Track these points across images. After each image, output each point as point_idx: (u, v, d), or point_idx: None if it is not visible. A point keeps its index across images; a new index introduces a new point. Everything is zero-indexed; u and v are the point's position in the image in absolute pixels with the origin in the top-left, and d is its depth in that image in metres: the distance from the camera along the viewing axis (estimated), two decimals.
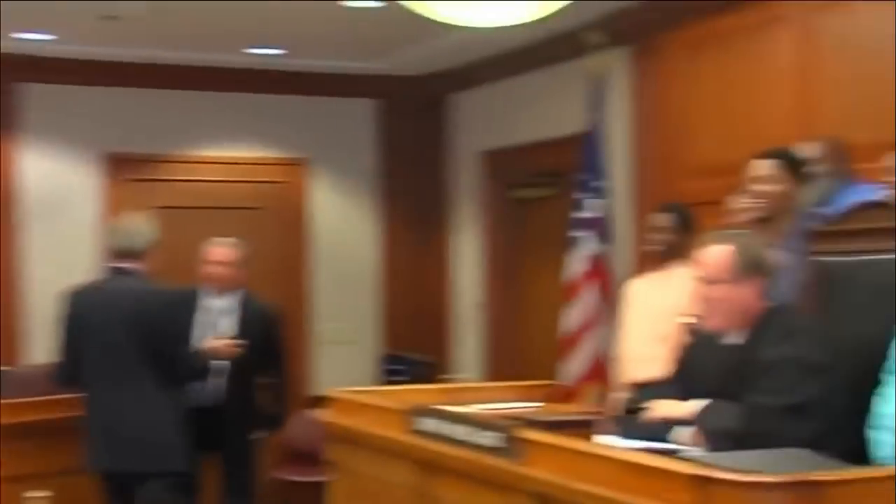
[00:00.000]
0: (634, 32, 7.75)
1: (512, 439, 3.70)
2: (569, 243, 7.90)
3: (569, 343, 7.86)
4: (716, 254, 4.32)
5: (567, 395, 7.62)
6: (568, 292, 7.88)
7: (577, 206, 7.88)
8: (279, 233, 9.95)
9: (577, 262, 7.85)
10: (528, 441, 3.66)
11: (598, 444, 3.70)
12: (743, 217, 5.56)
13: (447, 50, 8.78)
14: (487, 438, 3.81)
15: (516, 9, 5.17)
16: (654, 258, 6.48)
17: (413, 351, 9.93)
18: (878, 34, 6.13)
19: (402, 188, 10.27)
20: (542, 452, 3.60)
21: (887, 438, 4.19)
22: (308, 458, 8.26)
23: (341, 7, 7.65)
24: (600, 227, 7.84)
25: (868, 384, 4.40)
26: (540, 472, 3.56)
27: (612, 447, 3.75)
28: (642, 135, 7.87)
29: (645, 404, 4.44)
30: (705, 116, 7.31)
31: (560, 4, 5.25)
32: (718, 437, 4.08)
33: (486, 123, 9.59)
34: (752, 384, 4.16)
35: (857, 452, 4.13)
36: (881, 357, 4.37)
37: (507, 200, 9.63)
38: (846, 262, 4.83)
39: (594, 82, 7.88)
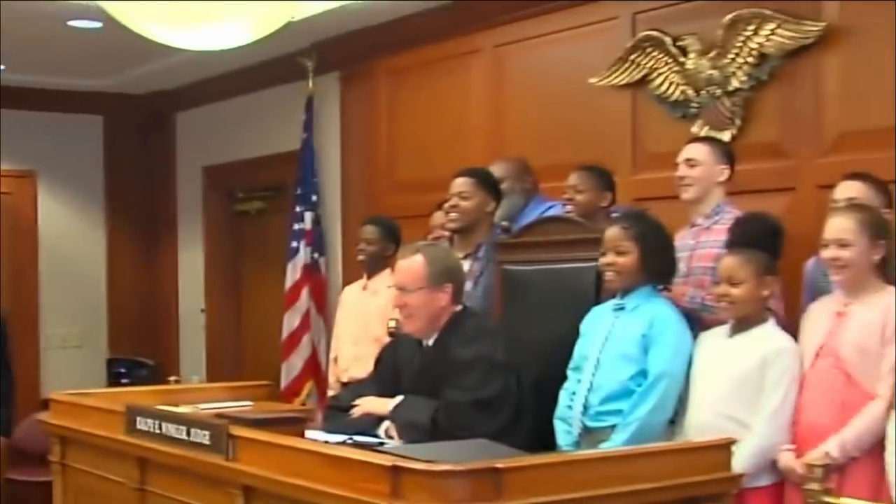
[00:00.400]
0: (344, 59, 7.78)
1: (221, 436, 3.66)
2: (287, 253, 7.91)
3: (288, 346, 7.86)
4: (410, 263, 4.39)
5: (285, 394, 7.67)
6: (287, 299, 7.88)
7: (295, 218, 7.91)
8: (8, 243, 9.59)
9: (295, 271, 7.86)
10: (237, 437, 3.62)
11: (302, 440, 3.67)
12: (442, 229, 5.70)
13: (171, 69, 8.64)
14: (199, 436, 3.76)
15: (231, 33, 5.14)
16: (363, 267, 6.53)
17: (140, 355, 9.75)
18: (557, 68, 6.37)
19: (129, 201, 10.06)
20: (250, 448, 3.57)
21: (568, 428, 4.41)
22: (37, 459, 8.02)
23: (66, 27, 7.47)
24: (315, 238, 7.87)
25: (550, 379, 4.60)
26: (248, 466, 3.54)
27: (316, 442, 3.73)
28: (351, 153, 7.90)
29: (352, 401, 4.48)
30: (409, 137, 7.40)
31: (272, 29, 5.24)
32: (413, 430, 4.15)
33: (209, 140, 9.47)
34: (446, 381, 4.24)
35: (543, 441, 4.33)
36: (561, 355, 4.57)
37: (229, 213, 9.52)
38: (527, 270, 5.01)
39: (308, 103, 7.92)
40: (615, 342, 4.35)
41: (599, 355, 4.36)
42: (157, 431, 4.00)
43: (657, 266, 4.37)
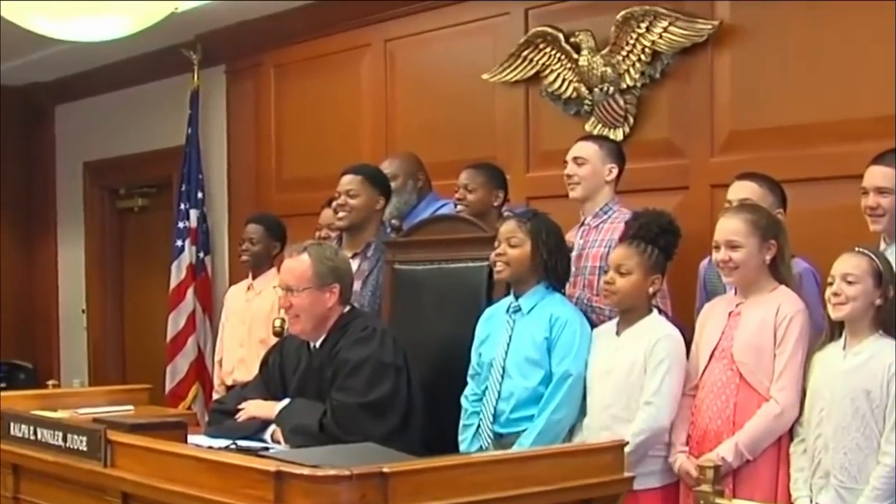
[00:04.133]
0: (230, 52, 7.73)
1: (99, 442, 3.59)
2: (172, 252, 7.82)
3: (173, 348, 7.78)
4: (296, 263, 4.36)
5: (170, 398, 7.59)
6: (172, 300, 7.80)
7: (179, 216, 7.83)
8: None
9: (180, 271, 7.79)
10: (115, 443, 3.56)
11: (183, 445, 3.61)
12: (330, 228, 5.66)
13: (50, 61, 8.47)
14: (76, 442, 3.69)
15: (111, 24, 5.05)
16: (248, 267, 6.47)
17: (18, 357, 9.55)
18: (449, 64, 6.38)
19: (5, 197, 9.84)
20: (128, 454, 3.51)
21: (473, 436, 4.41)
22: None
23: None
24: (200, 236, 7.81)
25: (441, 381, 4.59)
26: (127, 473, 3.48)
27: (198, 447, 3.69)
28: (238, 149, 7.85)
29: (236, 405, 4.44)
30: (297, 133, 7.37)
31: (154, 21, 5.16)
32: (299, 434, 4.12)
33: (90, 134, 9.31)
34: (333, 384, 4.23)
35: (433, 444, 4.31)
36: (452, 356, 4.57)
37: (111, 210, 9.37)
38: (417, 270, 5.01)
39: (193, 97, 7.84)
40: (518, 347, 4.36)
41: (504, 362, 4.37)
42: (32, 437, 3.91)
43: (549, 263, 4.38)
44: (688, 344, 4.21)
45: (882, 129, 4.44)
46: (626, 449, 3.88)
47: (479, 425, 4.40)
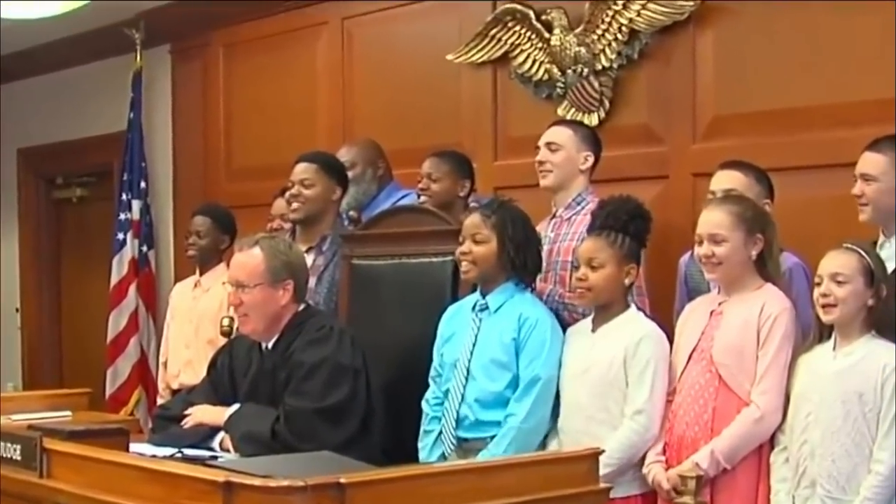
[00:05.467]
0: (176, 30, 7.70)
1: (34, 451, 3.57)
2: (113, 246, 7.81)
3: (114, 349, 7.76)
4: (247, 257, 4.34)
5: (111, 403, 7.58)
6: (113, 297, 7.79)
7: (121, 207, 7.82)
8: None
9: (121, 266, 7.77)
10: (52, 452, 3.54)
11: (126, 454, 3.61)
12: (283, 219, 5.65)
13: None
14: (9, 450, 3.66)
15: (43, 3, 4.99)
16: (194, 262, 6.45)
17: None
18: (411, 43, 6.38)
19: None
20: (66, 464, 3.49)
21: (434, 442, 4.40)
22: None
23: None
24: (143, 229, 7.80)
25: (402, 384, 4.58)
26: (64, 484, 3.46)
27: (142, 456, 3.69)
28: (184, 135, 7.84)
29: (183, 410, 4.42)
30: (248, 118, 7.36)
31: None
32: (250, 442, 4.10)
33: (24, 119, 9.24)
34: (287, 387, 4.21)
35: (394, 452, 4.31)
36: (415, 357, 4.55)
37: (47, 200, 9.34)
38: (377, 265, 5.00)
39: (136, 79, 7.82)
40: (484, 348, 4.35)
41: (469, 364, 4.36)
42: None
43: (518, 260, 4.37)
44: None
45: (879, 112, 4.45)
46: (613, 462, 3.89)
47: (440, 431, 4.39)
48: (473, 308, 4.43)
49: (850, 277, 3.72)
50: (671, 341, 4.20)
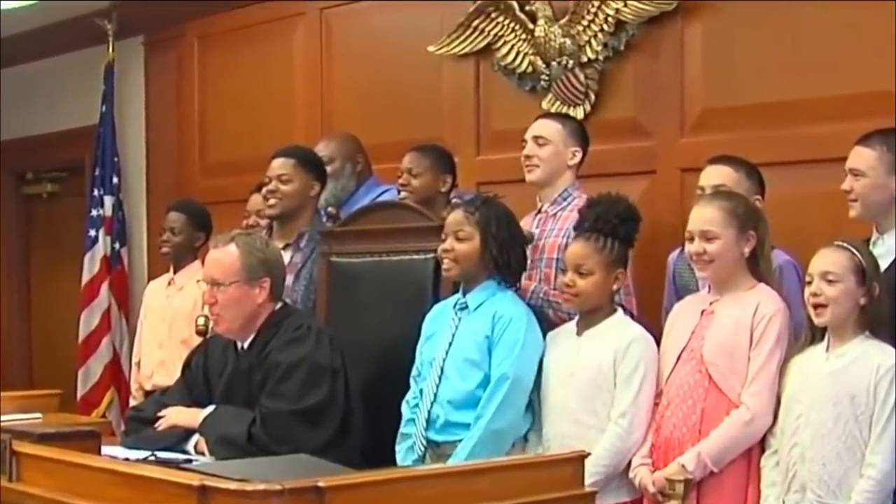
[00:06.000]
0: (149, 21, 7.68)
1: (3, 454, 3.54)
2: (84, 243, 7.80)
3: (85, 349, 7.74)
4: (222, 255, 4.33)
5: (82, 405, 7.56)
6: (85, 296, 7.77)
7: (93, 203, 7.81)
8: None
9: (93, 264, 7.76)
10: (22, 455, 3.51)
11: (98, 457, 3.59)
12: (260, 216, 5.63)
13: None
14: None
15: None
16: (168, 259, 6.44)
17: None
18: (391, 35, 6.37)
19: None
20: (36, 467, 3.47)
21: (411, 444, 4.38)
22: None
23: None
24: (115, 226, 7.79)
25: (382, 385, 4.57)
26: (34, 488, 3.44)
27: (114, 459, 3.66)
28: (158, 129, 7.82)
29: (156, 412, 4.41)
30: (223, 112, 7.34)
31: None
32: (226, 445, 4.09)
33: None
34: (263, 389, 4.21)
35: (374, 455, 4.30)
36: (395, 357, 4.54)
37: (17, 196, 9.30)
38: (356, 262, 4.99)
39: (108, 72, 7.80)
40: (460, 347, 4.34)
41: (443, 362, 4.35)
42: None
43: (501, 258, 4.36)
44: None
45: (872, 106, 4.45)
46: (599, 471, 3.88)
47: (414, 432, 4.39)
48: (454, 307, 4.43)
49: (841, 276, 3.72)
50: (659, 341, 4.19)
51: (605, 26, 5.29)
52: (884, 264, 3.85)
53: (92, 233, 7.78)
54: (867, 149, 4.03)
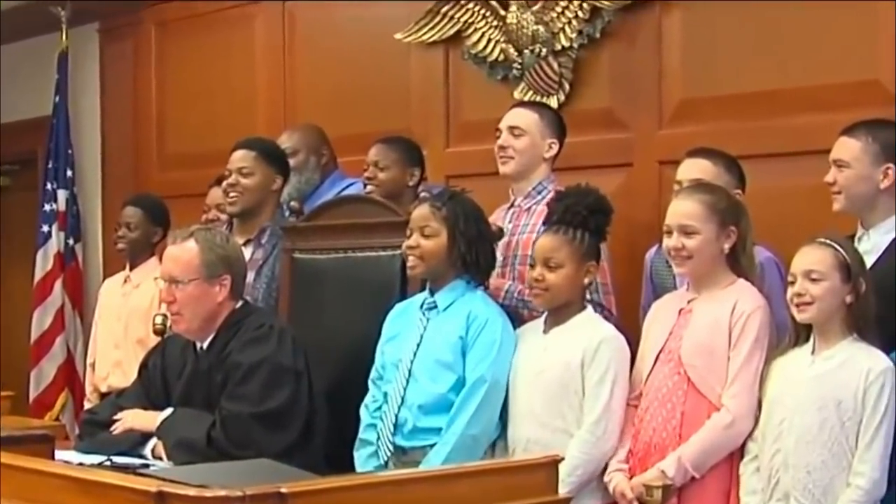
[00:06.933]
0: (105, 8, 7.65)
1: None
2: (37, 239, 7.78)
3: (38, 349, 7.73)
4: (181, 251, 4.31)
5: (35, 407, 7.54)
6: (37, 294, 7.75)
7: (46, 197, 7.79)
8: None
9: (46, 260, 7.74)
10: None
11: (51, 462, 3.56)
12: (220, 210, 5.63)
13: None
14: None
15: None
16: (125, 256, 6.42)
17: None
18: (356, 21, 6.35)
19: None
20: None
21: (372, 450, 4.35)
22: None
23: None
24: (69, 221, 7.78)
25: (347, 387, 4.55)
26: None
27: (68, 464, 3.64)
28: (113, 121, 7.82)
29: (112, 415, 4.40)
30: (182, 103, 7.34)
31: None
32: (184, 449, 4.08)
33: None
34: (223, 391, 4.20)
35: (338, 459, 4.31)
36: (360, 358, 4.52)
37: None
38: (320, 259, 4.99)
39: (62, 60, 7.78)
40: (430, 348, 4.31)
41: (411, 364, 4.32)
42: None
43: (469, 256, 4.34)
44: (632, 346, 4.17)
45: (857, 96, 4.46)
46: (572, 480, 3.86)
47: (378, 437, 4.35)
48: (421, 307, 4.40)
49: (825, 274, 3.70)
50: (637, 342, 4.17)
51: (579, 13, 5.28)
52: (869, 261, 3.83)
53: (45, 228, 7.77)
54: (852, 139, 4.02)
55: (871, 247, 3.94)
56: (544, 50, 5.41)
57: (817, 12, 4.70)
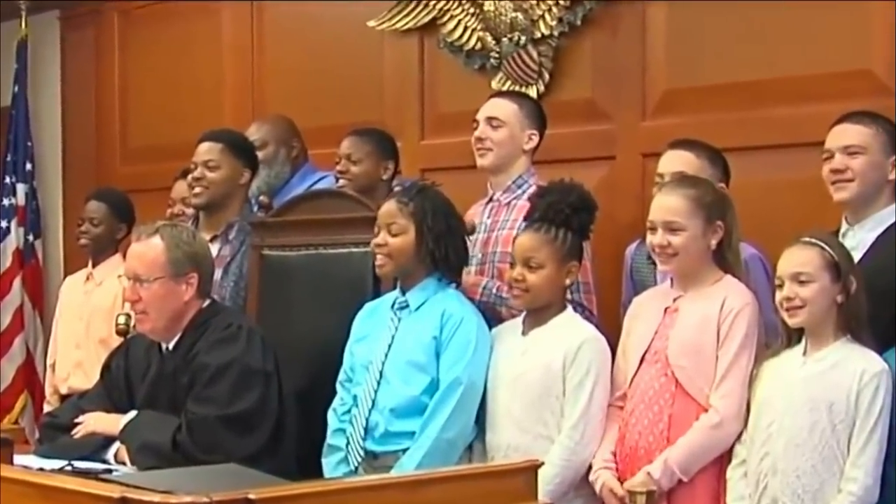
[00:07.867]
0: None
1: None
2: None
3: None
4: (145, 248, 4.29)
5: None
6: None
7: (4, 192, 7.76)
8: None
9: (4, 257, 7.71)
10: None
11: (10, 466, 3.52)
12: (185, 205, 5.61)
13: None
14: None
15: None
16: (87, 252, 6.40)
17: None
18: (327, 8, 6.34)
19: None
20: None
21: (341, 456, 4.35)
22: None
23: None
24: (29, 216, 7.77)
25: (318, 389, 4.55)
26: None
27: (27, 469, 3.60)
28: (75, 112, 7.80)
29: (73, 418, 4.38)
30: (147, 93, 7.33)
31: None
32: (149, 454, 4.07)
33: None
34: (190, 393, 4.18)
35: (309, 464, 4.30)
36: (332, 359, 4.52)
37: None
38: (290, 255, 4.98)
39: (21, 49, 7.76)
40: (402, 349, 4.31)
41: (383, 365, 4.31)
42: None
43: (438, 252, 4.33)
44: (613, 346, 4.17)
45: (845, 86, 4.47)
46: (551, 489, 3.86)
47: (347, 443, 4.34)
48: (392, 306, 4.40)
49: (813, 276, 3.68)
50: (618, 340, 4.17)
51: (560, 0, 5.29)
52: (855, 257, 3.83)
53: (3, 224, 7.74)
54: (861, 126, 4.01)
55: (856, 243, 3.93)
56: (523, 38, 5.41)
57: (805, 2, 4.70)
